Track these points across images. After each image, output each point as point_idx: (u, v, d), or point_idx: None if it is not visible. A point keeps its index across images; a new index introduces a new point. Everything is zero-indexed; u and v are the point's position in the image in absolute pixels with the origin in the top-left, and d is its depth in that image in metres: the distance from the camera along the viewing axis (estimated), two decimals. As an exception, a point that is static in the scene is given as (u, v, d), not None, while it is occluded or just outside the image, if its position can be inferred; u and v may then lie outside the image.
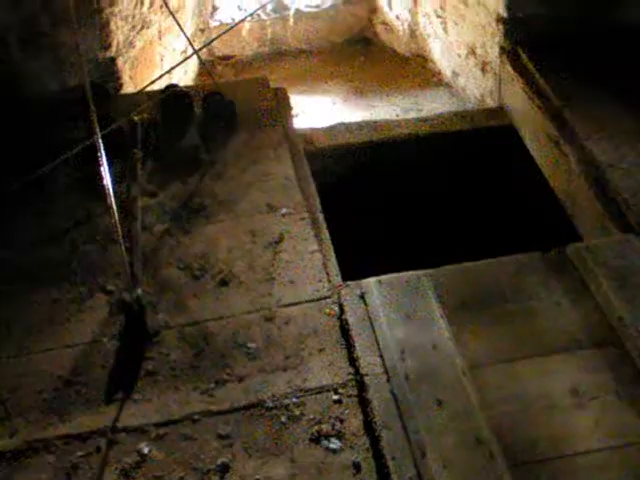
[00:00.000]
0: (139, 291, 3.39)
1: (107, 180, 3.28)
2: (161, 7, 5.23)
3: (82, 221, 3.96)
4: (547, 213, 4.56)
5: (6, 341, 3.45)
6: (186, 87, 4.94)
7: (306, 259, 3.73)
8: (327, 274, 3.67)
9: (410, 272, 3.62)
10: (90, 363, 3.35)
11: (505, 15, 4.98)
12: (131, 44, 5.04)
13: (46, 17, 4.47)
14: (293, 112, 4.81)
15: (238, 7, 6.23)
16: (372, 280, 3.60)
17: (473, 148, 5.00)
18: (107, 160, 3.28)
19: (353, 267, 3.81)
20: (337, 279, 3.66)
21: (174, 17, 4.76)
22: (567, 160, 4.33)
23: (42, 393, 3.25)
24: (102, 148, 3.23)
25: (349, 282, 3.63)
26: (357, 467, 2.98)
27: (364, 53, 6.34)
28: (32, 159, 4.11)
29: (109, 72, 4.77)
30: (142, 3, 5.12)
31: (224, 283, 3.63)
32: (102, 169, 3.27)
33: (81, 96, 3.28)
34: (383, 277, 3.60)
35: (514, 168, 4.89)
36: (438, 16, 5.75)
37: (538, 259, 3.67)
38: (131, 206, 3.92)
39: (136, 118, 4.31)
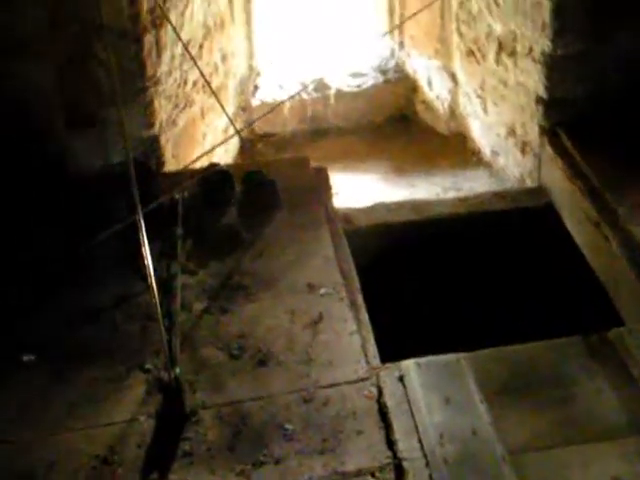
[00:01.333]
0: (177, 370, 3.39)
1: (147, 258, 3.31)
2: (203, 86, 5.30)
3: (122, 299, 3.98)
4: (588, 296, 4.52)
5: (44, 418, 3.45)
6: (227, 165, 4.99)
7: (345, 340, 3.72)
8: (365, 355, 3.65)
9: (449, 355, 3.59)
10: (127, 442, 3.33)
11: (544, 96, 5.01)
12: (174, 122, 5.11)
13: (93, 97, 4.56)
14: (333, 191, 4.83)
15: (280, 86, 6.31)
16: (411, 362, 3.57)
17: (513, 228, 4.99)
18: (148, 237, 3.31)
19: (392, 346, 3.79)
20: (375, 361, 3.64)
21: (216, 97, 4.84)
22: (608, 242, 4.30)
23: (78, 472, 3.23)
24: (143, 226, 3.27)
25: (388, 364, 3.61)
26: None
27: (404, 132, 6.37)
28: (74, 236, 4.17)
29: (152, 150, 4.82)
30: (185, 82, 5.20)
31: (262, 363, 3.62)
32: (143, 247, 3.30)
33: (124, 173, 3.33)
34: (422, 359, 3.58)
35: (554, 249, 4.86)
36: (478, 96, 5.79)
37: (579, 344, 3.63)
38: (171, 284, 3.94)
39: (177, 196, 4.36)
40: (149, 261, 3.31)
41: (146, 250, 3.33)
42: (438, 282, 4.96)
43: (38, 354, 3.71)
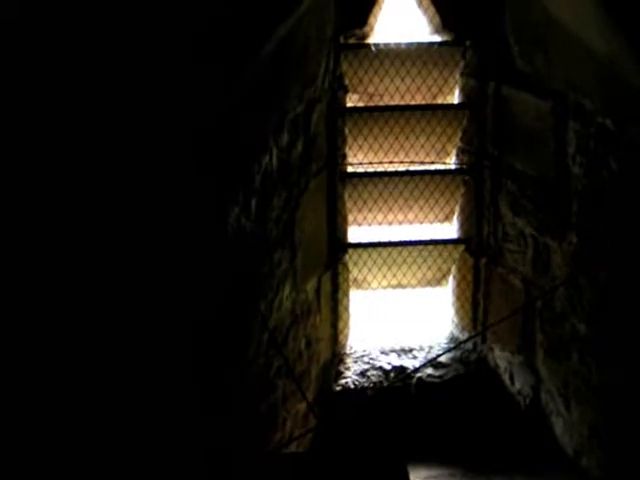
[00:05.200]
0: None
1: None
2: (286, 372, 5.37)
3: None
4: None
5: None
6: (305, 452, 4.98)
7: None
8: None
9: None
10: None
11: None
12: (255, 407, 5.14)
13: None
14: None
15: (361, 373, 6.37)
16: None
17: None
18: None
19: None
20: None
21: (298, 384, 4.91)
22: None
23: None
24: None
25: None
26: None
27: (485, 427, 6.32)
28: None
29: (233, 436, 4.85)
30: (269, 368, 5.27)
31: None
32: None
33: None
34: None
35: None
36: (561, 394, 5.77)
37: None
38: None
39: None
40: None
41: None
42: None
43: None
